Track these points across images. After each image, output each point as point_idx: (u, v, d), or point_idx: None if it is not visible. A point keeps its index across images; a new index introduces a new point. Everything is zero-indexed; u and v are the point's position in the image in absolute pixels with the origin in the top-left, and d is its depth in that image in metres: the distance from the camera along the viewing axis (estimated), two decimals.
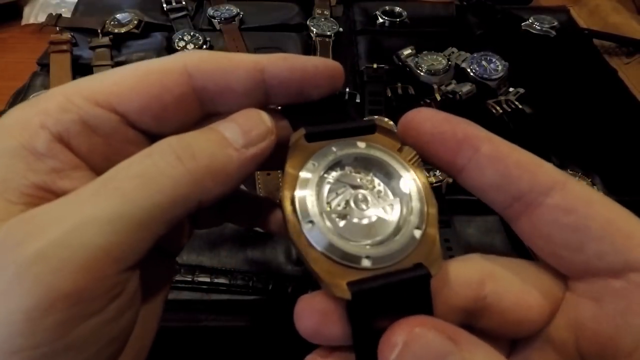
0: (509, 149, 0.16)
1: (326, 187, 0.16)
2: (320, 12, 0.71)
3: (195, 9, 0.71)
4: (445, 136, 0.16)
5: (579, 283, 0.15)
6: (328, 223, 0.15)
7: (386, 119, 0.17)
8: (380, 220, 0.16)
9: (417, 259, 0.15)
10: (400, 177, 0.16)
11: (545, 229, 0.15)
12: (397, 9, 0.72)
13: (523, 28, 0.69)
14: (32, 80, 0.58)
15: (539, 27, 0.68)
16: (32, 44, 0.67)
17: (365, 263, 0.14)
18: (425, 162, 0.17)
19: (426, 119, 0.17)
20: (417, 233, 0.15)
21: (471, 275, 0.16)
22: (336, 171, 0.16)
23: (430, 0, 0.77)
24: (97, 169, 0.16)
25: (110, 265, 0.13)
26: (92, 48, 0.61)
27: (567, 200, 0.15)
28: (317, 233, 0.15)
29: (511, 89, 0.59)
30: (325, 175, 0.16)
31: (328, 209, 0.15)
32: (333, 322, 0.14)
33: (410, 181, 0.16)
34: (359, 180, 0.16)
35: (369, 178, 0.17)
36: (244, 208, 0.23)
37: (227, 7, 0.69)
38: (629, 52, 0.67)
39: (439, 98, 0.56)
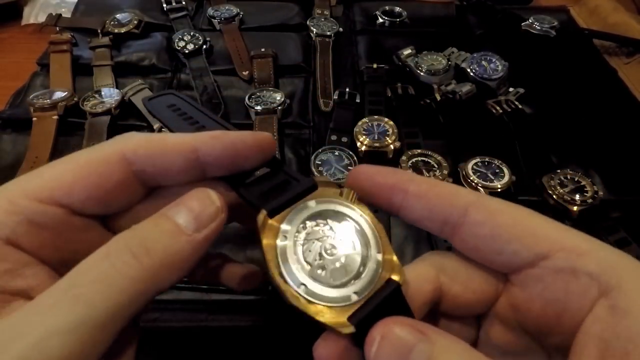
0: (428, 186, 0.19)
1: (300, 250, 0.19)
2: (320, 12, 0.71)
3: (195, 9, 0.71)
4: (380, 187, 0.20)
5: (510, 275, 0.19)
6: (317, 284, 0.18)
7: (324, 176, 0.21)
8: (349, 257, 0.19)
9: (386, 276, 0.18)
10: (349, 217, 0.20)
11: (471, 241, 0.19)
12: (397, 9, 0.72)
13: (523, 28, 0.69)
14: (32, 80, 0.58)
15: (539, 27, 0.68)
16: (32, 44, 0.67)
17: (354, 298, 0.18)
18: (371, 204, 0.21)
19: (364, 175, 0.20)
20: (379, 257, 0.19)
21: (428, 271, 0.19)
22: (301, 232, 0.19)
23: (430, 0, 0.77)
24: (49, 261, 0.17)
25: None
26: (92, 48, 0.61)
27: (480, 216, 0.18)
28: (311, 291, 0.18)
29: (511, 89, 0.59)
30: (296, 239, 0.19)
31: (309, 267, 0.18)
32: (349, 354, 0.17)
33: (359, 217, 0.20)
34: (321, 232, 0.19)
35: (328, 227, 0.19)
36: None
37: (227, 7, 0.69)
38: (629, 52, 0.67)
39: (439, 98, 0.56)
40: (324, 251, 0.19)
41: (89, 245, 0.18)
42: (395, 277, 0.18)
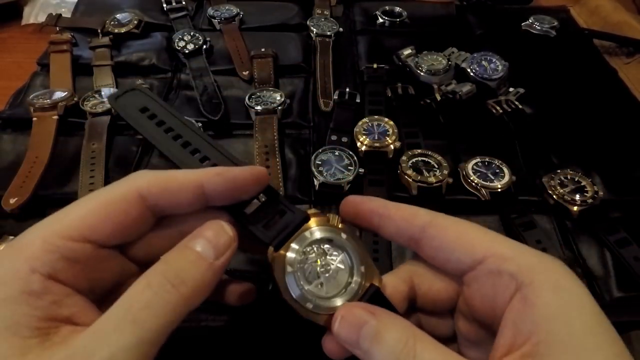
0: (395, 210, 0.25)
1: (303, 273, 0.24)
2: (320, 12, 0.71)
3: (195, 9, 0.71)
4: (362, 213, 0.26)
5: (461, 277, 0.24)
6: (319, 299, 0.23)
7: (313, 211, 0.26)
8: (340, 273, 0.24)
9: (369, 282, 0.24)
10: (337, 240, 0.25)
11: (429, 252, 0.24)
12: (397, 9, 0.72)
13: (523, 28, 0.69)
14: (32, 80, 0.58)
15: (539, 27, 0.68)
16: (32, 44, 0.67)
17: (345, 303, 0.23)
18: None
19: (351, 204, 0.26)
20: (362, 268, 0.24)
21: (404, 275, 0.25)
22: (302, 258, 0.24)
23: (430, 0, 0.77)
24: (82, 290, 0.20)
25: None
26: (92, 48, 0.61)
27: (433, 232, 0.24)
28: (316, 305, 0.23)
29: (511, 89, 0.59)
30: (299, 266, 0.23)
31: (311, 286, 0.23)
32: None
33: (344, 239, 0.25)
34: (316, 255, 0.24)
35: (322, 251, 0.24)
36: None
37: (227, 7, 0.69)
38: (629, 52, 0.67)
39: (439, 98, 0.56)
40: (321, 270, 0.24)
41: (112, 272, 0.22)
42: (375, 282, 0.24)
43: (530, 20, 0.69)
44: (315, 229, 0.24)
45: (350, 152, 0.48)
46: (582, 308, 0.19)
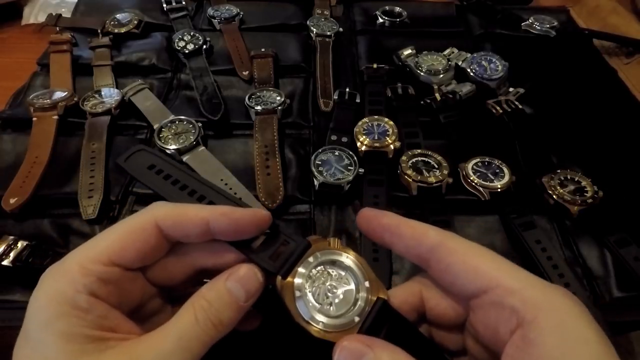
0: (406, 229, 0.25)
1: (311, 296, 0.25)
2: (320, 12, 0.71)
3: (195, 9, 0.71)
4: (375, 228, 0.26)
5: (469, 302, 0.24)
6: (330, 319, 0.24)
7: (314, 238, 0.27)
8: (346, 292, 0.25)
9: (375, 296, 0.25)
10: (339, 260, 0.26)
11: (436, 274, 0.25)
12: (397, 9, 0.72)
13: (523, 28, 0.69)
14: (32, 80, 0.58)
15: (539, 27, 0.68)
16: (32, 44, 0.67)
17: (356, 319, 0.24)
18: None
19: (364, 219, 0.27)
20: (367, 284, 0.25)
21: (413, 288, 0.26)
22: (309, 282, 0.25)
23: (430, 0, 0.77)
24: (116, 306, 0.24)
25: None
26: (92, 48, 0.61)
27: (440, 255, 0.24)
28: (327, 325, 0.24)
29: (511, 89, 0.59)
30: (307, 290, 0.25)
31: (320, 307, 0.25)
32: None
33: (346, 259, 0.26)
34: (322, 278, 0.26)
35: (326, 273, 0.26)
36: None
37: (227, 7, 0.69)
38: (629, 52, 0.67)
39: (439, 98, 0.56)
40: (329, 292, 0.25)
41: (137, 291, 0.26)
42: (381, 295, 0.25)
43: (530, 20, 0.69)
44: (317, 254, 0.26)
45: (350, 152, 0.48)
46: (584, 353, 0.19)
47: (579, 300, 0.21)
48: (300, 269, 0.26)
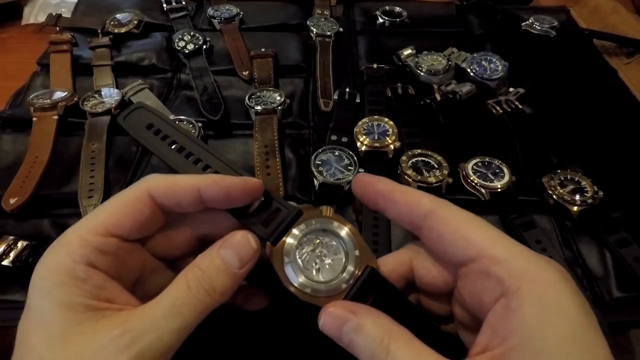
0: (399, 195, 0.25)
1: (300, 262, 0.26)
2: (320, 12, 0.71)
3: (195, 9, 0.71)
4: (369, 194, 0.27)
5: (457, 270, 0.24)
6: (318, 284, 0.25)
7: (306, 206, 0.29)
8: (335, 259, 0.26)
9: (364, 264, 0.26)
10: (330, 229, 0.26)
11: (427, 242, 0.25)
12: (397, 9, 0.72)
13: (523, 28, 0.69)
14: (32, 80, 0.58)
15: (539, 27, 0.68)
16: (32, 44, 0.67)
17: (343, 286, 0.25)
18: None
19: (359, 183, 0.27)
20: (357, 252, 0.26)
21: (403, 256, 0.27)
22: (299, 248, 0.26)
23: (430, 0, 0.77)
24: (115, 278, 0.24)
25: (171, 355, 0.23)
26: (92, 48, 0.61)
27: (433, 223, 0.24)
28: (315, 290, 0.25)
29: (511, 89, 0.59)
30: (296, 256, 0.26)
31: (309, 272, 0.25)
32: None
33: (337, 227, 0.26)
34: (312, 245, 0.26)
35: (317, 240, 0.26)
36: None
37: (227, 7, 0.69)
38: (629, 52, 0.67)
39: (439, 98, 0.56)
40: (318, 258, 0.26)
41: (136, 263, 0.26)
42: (370, 264, 0.26)
43: (530, 20, 0.69)
44: (309, 221, 0.26)
45: (350, 152, 0.48)
46: (561, 323, 0.20)
47: (565, 272, 0.22)
48: (290, 238, 0.26)
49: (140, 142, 0.28)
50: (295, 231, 0.26)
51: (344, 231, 0.26)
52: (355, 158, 0.48)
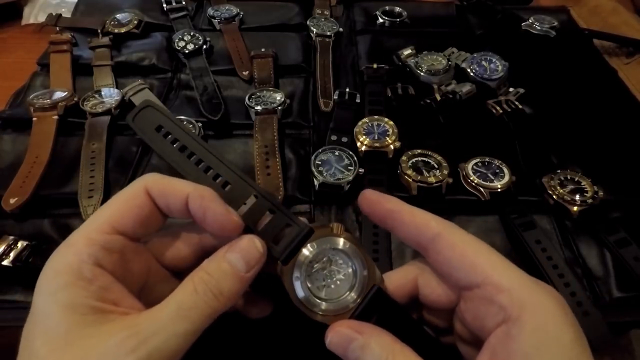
0: (409, 217, 0.26)
1: (310, 281, 0.26)
2: (320, 12, 0.71)
3: (195, 9, 0.71)
4: (377, 212, 0.27)
5: (461, 292, 0.25)
6: (327, 303, 0.26)
7: (317, 224, 0.28)
8: (344, 277, 0.26)
9: (371, 283, 0.26)
10: (340, 248, 0.27)
11: (433, 263, 0.26)
12: (397, 9, 0.72)
13: (523, 28, 0.69)
14: (32, 80, 0.58)
15: (539, 27, 0.68)
16: (32, 44, 0.67)
17: (351, 306, 0.26)
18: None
19: (366, 201, 0.27)
20: (365, 272, 0.26)
21: (409, 274, 0.27)
22: (309, 267, 0.26)
23: (430, 0, 0.77)
24: (120, 279, 0.24)
25: (179, 356, 0.23)
26: (92, 48, 0.61)
27: (439, 247, 0.25)
28: (325, 310, 0.26)
29: (511, 89, 0.59)
30: (307, 275, 0.26)
31: (319, 292, 0.26)
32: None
33: (347, 246, 0.27)
34: (323, 264, 0.26)
35: (327, 259, 0.27)
36: None
37: (227, 7, 0.69)
38: (629, 52, 0.67)
39: (439, 98, 0.56)
40: (327, 277, 0.26)
41: (141, 265, 0.26)
42: (377, 283, 0.26)
43: (530, 20, 0.69)
44: (319, 240, 0.26)
45: (350, 152, 0.48)
46: (557, 352, 0.21)
47: (564, 302, 0.23)
48: (301, 255, 0.26)
49: (149, 146, 0.27)
50: (305, 251, 0.26)
51: (353, 250, 0.27)
52: (355, 158, 0.48)
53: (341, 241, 0.27)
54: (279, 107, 0.53)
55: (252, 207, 0.27)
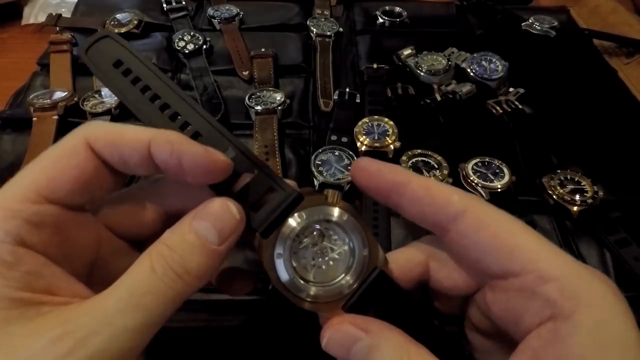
0: (423, 190, 0.21)
1: (296, 259, 0.21)
2: (320, 12, 0.71)
3: (195, 9, 0.71)
4: (379, 185, 0.22)
5: (490, 279, 0.21)
6: (315, 287, 0.21)
7: (307, 190, 0.22)
8: (339, 257, 0.22)
9: (372, 265, 0.21)
10: (336, 220, 0.21)
11: (455, 247, 0.21)
12: (397, 9, 0.72)
13: (523, 28, 0.69)
14: (32, 80, 0.58)
15: (539, 27, 0.68)
16: (32, 44, 0.67)
17: (345, 291, 0.21)
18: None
19: (365, 171, 0.22)
20: (365, 251, 0.21)
21: (418, 256, 0.23)
22: (295, 242, 0.21)
23: (430, 0, 0.77)
24: (58, 260, 0.19)
25: (134, 356, 0.18)
26: None
27: (465, 226, 0.20)
28: (312, 295, 0.21)
29: (511, 89, 0.59)
30: (291, 251, 0.21)
31: (306, 272, 0.21)
32: None
33: (344, 219, 0.21)
34: (313, 239, 0.22)
35: (319, 233, 0.22)
36: None
37: (227, 7, 0.69)
38: (629, 52, 0.67)
39: (439, 98, 0.56)
40: (318, 255, 0.22)
41: (87, 239, 0.20)
42: (379, 265, 0.21)
43: (530, 20, 0.69)
44: (310, 209, 0.21)
45: (350, 152, 0.48)
46: (620, 357, 0.17)
47: (618, 290, 0.19)
48: (286, 227, 0.21)
49: (105, 84, 0.22)
50: (291, 221, 0.21)
51: (352, 223, 0.21)
52: (355, 158, 0.48)
53: (336, 211, 0.21)
54: (279, 107, 0.53)
55: None
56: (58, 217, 0.19)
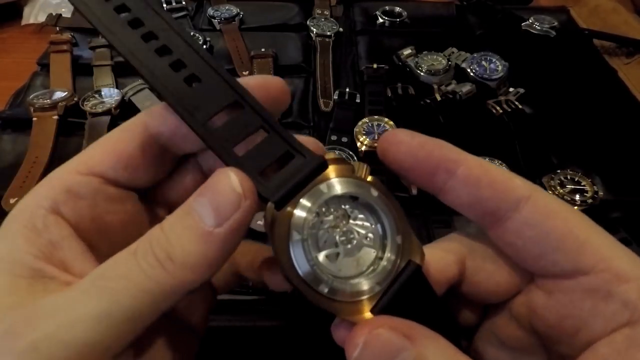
0: (481, 171, 0.18)
1: (315, 244, 0.17)
2: (320, 12, 0.71)
3: (195, 9, 0.71)
4: (421, 162, 0.18)
5: (539, 277, 0.18)
6: (337, 280, 0.16)
7: (332, 156, 0.18)
8: (367, 243, 0.17)
9: (406, 258, 0.17)
10: (365, 195, 0.17)
11: (512, 239, 0.18)
12: (397, 9, 0.72)
13: (523, 28, 0.69)
14: (32, 80, 0.58)
15: (539, 27, 0.68)
16: (32, 44, 0.67)
17: (377, 288, 0.17)
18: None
19: (403, 146, 0.19)
20: (399, 239, 0.17)
21: (456, 253, 0.19)
22: (315, 222, 0.17)
23: (430, 0, 0.77)
24: (87, 232, 0.17)
25: (97, 357, 0.15)
26: (92, 48, 0.61)
27: (531, 215, 0.17)
28: (333, 289, 0.16)
29: (511, 89, 0.59)
30: (310, 232, 0.16)
31: (327, 262, 0.17)
32: None
33: (374, 197, 0.17)
34: (336, 219, 0.17)
35: (343, 212, 0.17)
36: None
37: (227, 7, 0.69)
38: (629, 52, 0.67)
39: (439, 98, 0.56)
40: (341, 240, 0.17)
41: (123, 217, 0.19)
42: (415, 259, 0.17)
43: (530, 20, 0.69)
44: (334, 181, 0.17)
45: (350, 152, 0.48)
46: None
47: None
48: (304, 201, 0.16)
49: (73, 5, 0.18)
50: (312, 193, 0.17)
51: (383, 204, 0.17)
52: (355, 158, 0.48)
53: (366, 188, 0.18)
54: None
55: (231, 120, 0.17)
56: (98, 189, 0.18)
